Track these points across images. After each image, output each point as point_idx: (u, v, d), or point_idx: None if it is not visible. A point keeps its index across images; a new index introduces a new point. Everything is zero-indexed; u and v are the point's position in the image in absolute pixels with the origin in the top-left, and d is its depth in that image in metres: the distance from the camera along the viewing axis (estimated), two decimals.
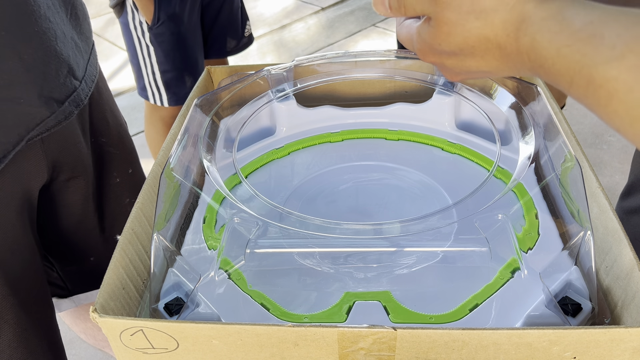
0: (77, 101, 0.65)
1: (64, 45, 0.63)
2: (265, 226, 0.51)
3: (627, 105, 0.26)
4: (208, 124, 0.61)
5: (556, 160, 0.53)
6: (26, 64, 0.57)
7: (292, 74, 0.70)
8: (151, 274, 0.48)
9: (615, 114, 0.27)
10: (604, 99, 0.27)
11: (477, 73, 0.37)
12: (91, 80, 0.69)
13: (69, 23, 0.65)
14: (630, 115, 0.26)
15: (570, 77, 0.29)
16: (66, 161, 0.69)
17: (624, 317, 0.44)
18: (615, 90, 0.27)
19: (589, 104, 0.29)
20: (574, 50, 0.28)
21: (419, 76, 0.70)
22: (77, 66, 0.65)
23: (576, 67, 0.28)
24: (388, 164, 0.64)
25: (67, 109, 0.63)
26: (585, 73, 0.28)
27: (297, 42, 2.60)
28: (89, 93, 0.67)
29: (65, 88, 0.63)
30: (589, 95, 0.28)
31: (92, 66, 0.70)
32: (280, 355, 0.42)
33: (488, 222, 0.50)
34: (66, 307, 0.81)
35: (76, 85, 0.65)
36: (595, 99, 0.28)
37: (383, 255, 0.51)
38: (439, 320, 0.45)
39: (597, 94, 0.28)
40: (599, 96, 0.28)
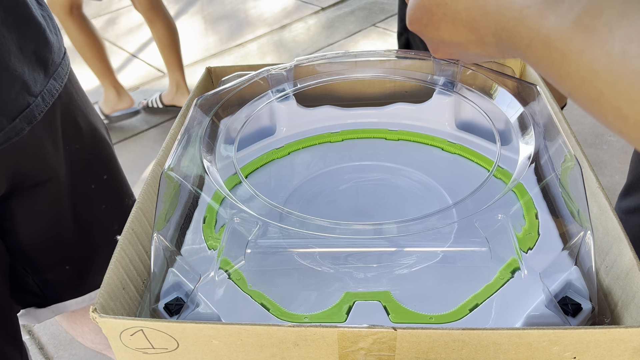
0: (30, 117, 0.64)
1: (18, 61, 0.62)
2: (265, 226, 0.51)
3: (578, 66, 0.27)
4: (208, 123, 0.61)
5: (556, 160, 0.53)
6: None
7: (292, 74, 0.70)
8: (151, 274, 0.48)
9: (567, 76, 0.28)
10: (558, 60, 0.28)
11: (452, 45, 0.38)
12: (51, 95, 0.68)
13: (31, 37, 0.64)
14: (580, 76, 0.27)
15: (529, 39, 0.30)
16: (28, 169, 0.68)
17: (624, 317, 0.44)
18: (568, 52, 0.27)
19: (543, 67, 0.29)
20: (534, 11, 0.29)
21: (419, 76, 0.70)
22: (33, 82, 0.64)
23: (535, 29, 0.29)
24: (388, 164, 0.64)
25: (18, 125, 0.63)
26: (542, 35, 0.29)
27: (297, 42, 2.60)
28: (45, 109, 0.66)
29: (17, 104, 0.62)
30: (544, 57, 0.29)
31: (57, 78, 0.69)
32: (280, 355, 0.42)
33: (488, 222, 0.50)
34: (45, 317, 0.80)
35: (30, 101, 0.64)
36: (549, 61, 0.29)
37: (383, 255, 0.51)
38: (439, 320, 0.45)
39: (552, 55, 0.28)
40: (553, 58, 0.28)
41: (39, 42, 0.66)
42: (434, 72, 0.69)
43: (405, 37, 1.45)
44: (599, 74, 0.26)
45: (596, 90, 0.27)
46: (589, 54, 0.26)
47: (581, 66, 0.27)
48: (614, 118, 0.27)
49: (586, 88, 0.27)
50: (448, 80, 0.68)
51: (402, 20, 1.43)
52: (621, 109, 0.26)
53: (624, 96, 0.25)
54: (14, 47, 0.61)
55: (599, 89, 0.26)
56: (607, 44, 0.26)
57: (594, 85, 0.27)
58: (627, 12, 0.25)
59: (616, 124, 0.27)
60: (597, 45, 0.26)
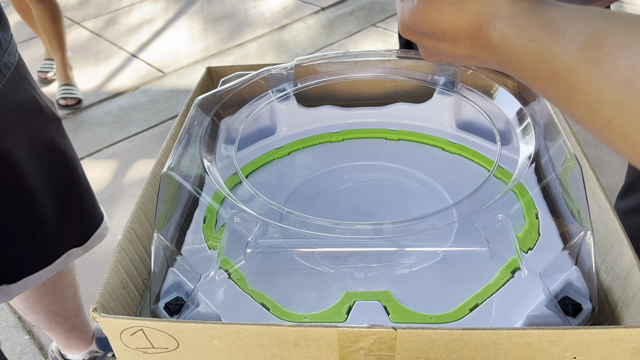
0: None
1: None
2: (266, 226, 0.51)
3: (585, 95, 0.28)
4: (208, 123, 0.61)
5: (556, 160, 0.53)
6: None
7: (293, 73, 0.70)
8: (151, 273, 0.48)
9: (575, 105, 0.29)
10: (565, 90, 0.29)
11: (450, 57, 0.38)
12: (7, 68, 0.71)
13: None
14: (587, 105, 0.28)
15: (536, 70, 0.30)
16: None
17: (624, 317, 0.44)
18: (575, 82, 0.28)
19: (552, 97, 0.30)
20: (539, 45, 0.30)
21: (419, 76, 0.70)
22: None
23: (541, 61, 0.30)
24: (388, 164, 0.64)
25: None
26: (549, 66, 0.29)
27: (297, 42, 2.60)
28: (2, 80, 0.70)
29: None
30: (552, 87, 0.30)
31: (10, 54, 0.73)
32: (281, 355, 0.42)
33: (488, 222, 0.50)
34: (17, 292, 0.82)
35: None
36: (557, 91, 0.29)
37: (383, 255, 0.51)
38: (439, 320, 0.45)
39: (560, 86, 0.29)
40: (561, 88, 0.29)
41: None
42: (435, 72, 0.69)
43: None
44: (606, 103, 0.27)
45: (604, 119, 0.27)
46: (595, 85, 0.27)
47: (588, 96, 0.28)
48: (622, 145, 0.27)
49: (594, 117, 0.28)
50: (448, 80, 0.68)
51: None
52: (629, 136, 0.26)
53: (632, 125, 0.26)
54: None
55: (607, 117, 0.27)
56: (611, 75, 0.26)
57: (602, 114, 0.27)
58: (628, 42, 0.26)
59: (625, 150, 0.27)
60: (602, 76, 0.27)
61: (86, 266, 1.45)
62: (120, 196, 1.71)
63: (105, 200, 1.68)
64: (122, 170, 1.85)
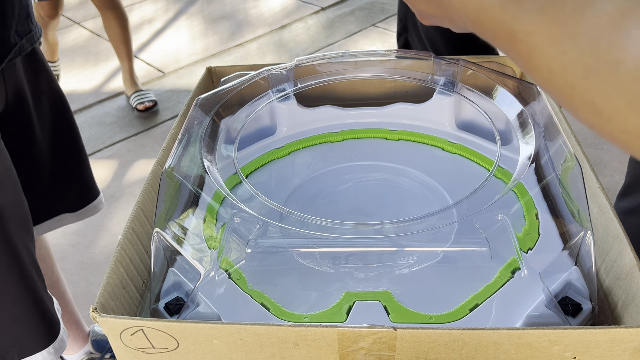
0: (31, 41, 0.77)
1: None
2: (266, 226, 0.51)
3: (546, 59, 0.26)
4: (208, 123, 0.61)
5: (556, 160, 0.53)
6: None
7: (293, 73, 0.70)
8: (151, 273, 0.48)
9: (536, 69, 0.27)
10: (525, 53, 0.27)
11: (432, 17, 0.37)
12: (37, 37, 0.78)
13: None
14: (549, 69, 0.26)
15: (493, 30, 0.29)
16: (19, 90, 0.77)
17: (624, 317, 0.44)
18: (535, 44, 0.26)
19: (512, 58, 0.29)
20: (495, 3, 0.28)
21: (419, 76, 0.70)
22: (32, 17, 0.78)
23: (498, 21, 0.28)
24: (388, 164, 0.64)
25: (25, 44, 0.75)
26: (506, 27, 0.28)
27: (297, 42, 2.60)
28: (35, 42, 0.78)
29: (24, 28, 0.76)
30: (511, 49, 0.28)
31: (36, 29, 0.79)
32: (281, 355, 0.42)
33: (488, 222, 0.50)
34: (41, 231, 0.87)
35: (32, 28, 0.77)
36: (516, 53, 0.28)
37: (383, 255, 0.51)
38: (439, 320, 0.45)
39: (518, 48, 0.28)
40: (520, 50, 0.27)
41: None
42: (435, 72, 0.69)
43: (404, 37, 1.44)
44: (570, 66, 0.25)
45: (567, 84, 0.26)
46: (558, 47, 0.25)
47: (550, 59, 0.26)
48: (586, 112, 0.26)
49: (556, 81, 0.26)
50: (448, 80, 0.68)
51: (402, 20, 1.43)
52: (594, 102, 0.25)
53: (597, 89, 0.24)
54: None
55: (571, 82, 0.25)
56: (576, 36, 0.25)
57: (565, 78, 0.26)
58: (592, 0, 0.24)
59: (589, 118, 0.26)
60: (565, 37, 0.25)
61: (86, 266, 1.45)
62: (120, 196, 1.71)
63: (105, 200, 1.68)
64: (122, 170, 1.85)
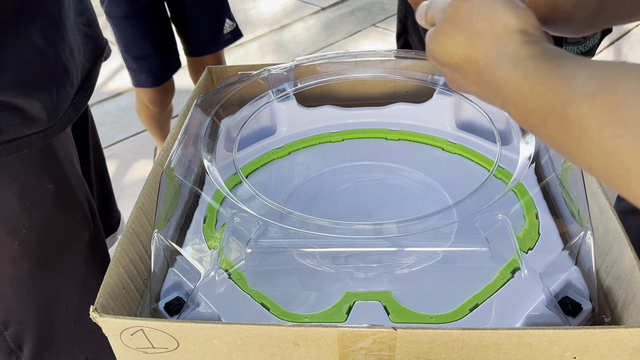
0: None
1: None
2: (266, 226, 0.51)
3: (599, 140, 0.27)
4: (208, 123, 0.61)
5: (556, 160, 0.53)
6: None
7: (293, 73, 0.70)
8: (151, 273, 0.48)
9: (588, 151, 0.28)
10: (577, 135, 0.28)
11: (464, 89, 0.38)
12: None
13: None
14: (602, 151, 0.27)
15: (543, 114, 0.30)
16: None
17: (624, 317, 0.44)
18: (587, 127, 0.27)
19: (561, 141, 0.29)
20: (547, 89, 0.29)
21: (419, 76, 0.70)
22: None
23: (549, 105, 0.29)
24: (388, 164, 0.64)
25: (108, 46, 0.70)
26: (558, 110, 0.29)
27: (297, 42, 2.60)
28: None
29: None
30: (561, 132, 0.29)
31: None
32: (281, 355, 0.42)
33: (488, 222, 0.50)
34: None
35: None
36: (567, 136, 0.29)
37: (383, 255, 0.51)
38: (439, 320, 0.45)
39: (570, 130, 0.28)
40: (572, 133, 0.28)
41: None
42: (434, 72, 0.69)
43: (404, 38, 1.44)
44: (623, 149, 0.26)
45: (622, 166, 0.26)
46: (610, 130, 0.26)
47: (603, 141, 0.27)
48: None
49: (610, 163, 0.27)
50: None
51: (401, 21, 1.43)
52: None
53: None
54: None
55: (625, 164, 0.26)
56: (628, 120, 0.25)
57: (619, 160, 0.26)
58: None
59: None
60: (618, 121, 0.26)
61: None
62: (120, 196, 1.71)
63: None
64: (122, 170, 1.85)
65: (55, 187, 0.60)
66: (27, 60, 0.53)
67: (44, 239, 0.61)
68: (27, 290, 0.62)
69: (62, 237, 0.63)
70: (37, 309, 0.64)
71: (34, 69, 0.54)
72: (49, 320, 0.65)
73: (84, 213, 0.66)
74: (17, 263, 0.60)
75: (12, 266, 0.60)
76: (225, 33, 1.58)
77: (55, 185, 0.60)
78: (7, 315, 0.62)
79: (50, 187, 0.60)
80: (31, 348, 0.66)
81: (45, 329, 0.66)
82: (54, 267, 0.63)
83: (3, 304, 0.61)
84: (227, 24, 1.57)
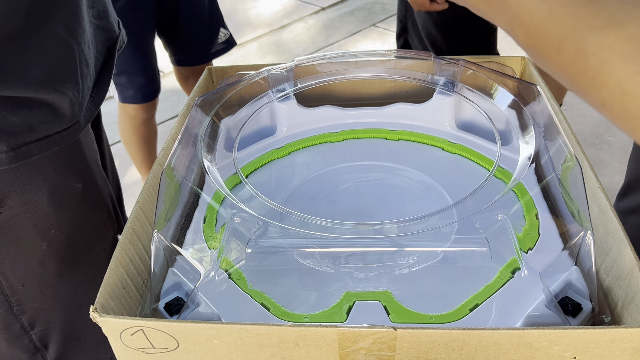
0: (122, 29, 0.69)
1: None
2: (266, 226, 0.51)
3: (619, 76, 0.24)
4: (208, 123, 0.61)
5: (556, 160, 0.53)
6: None
7: (293, 74, 0.70)
8: (151, 273, 0.48)
9: (605, 86, 0.25)
10: (594, 68, 0.25)
11: (465, 0, 0.34)
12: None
13: None
14: (621, 88, 0.24)
15: (559, 41, 0.26)
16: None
17: (624, 317, 0.44)
18: (608, 60, 0.24)
19: (574, 74, 0.26)
20: (569, 12, 0.26)
21: (419, 76, 0.70)
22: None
23: (568, 31, 0.26)
24: (388, 164, 0.64)
25: (123, 36, 0.69)
26: (577, 39, 0.26)
27: (297, 42, 2.60)
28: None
29: (115, 17, 0.68)
30: (577, 63, 0.26)
31: None
32: (281, 355, 0.42)
33: (488, 222, 0.50)
34: None
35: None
36: (583, 68, 0.26)
37: (383, 255, 0.51)
38: (439, 320, 0.45)
39: (587, 62, 0.25)
40: (589, 65, 0.25)
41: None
42: (434, 72, 0.69)
43: (404, 38, 1.44)
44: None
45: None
46: (634, 66, 0.23)
47: (623, 77, 0.24)
48: None
49: (628, 102, 0.24)
50: (448, 80, 0.68)
51: (401, 21, 1.43)
52: None
53: None
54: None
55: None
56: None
57: (638, 99, 0.23)
58: None
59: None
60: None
61: None
62: None
63: None
64: (122, 170, 1.85)
65: (83, 186, 0.60)
66: (54, 53, 0.52)
67: (71, 238, 0.60)
68: (54, 290, 0.62)
69: (88, 236, 0.63)
70: (64, 309, 0.63)
71: (61, 63, 0.53)
72: (75, 320, 0.65)
73: (108, 212, 0.65)
74: (45, 263, 0.59)
75: (41, 267, 0.59)
76: (220, 42, 1.57)
77: (82, 184, 0.60)
78: (34, 315, 0.62)
79: (78, 186, 0.59)
80: (57, 347, 0.66)
81: (71, 329, 0.65)
82: (81, 267, 0.63)
83: (30, 304, 0.61)
84: (221, 33, 1.56)
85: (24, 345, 0.64)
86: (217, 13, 1.54)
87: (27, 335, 0.63)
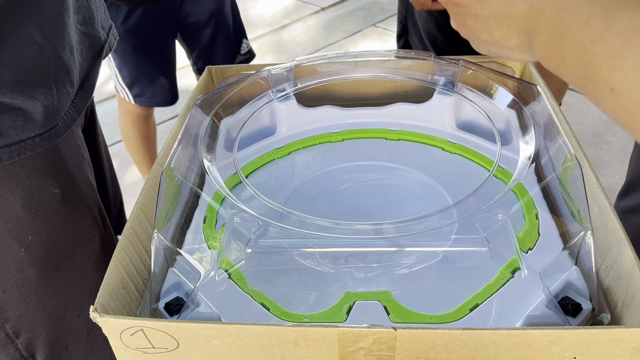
0: (115, 34, 0.70)
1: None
2: (266, 226, 0.51)
3: (638, 60, 0.24)
4: (208, 123, 0.61)
5: (556, 160, 0.53)
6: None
7: (293, 74, 0.70)
8: (151, 273, 0.48)
9: (621, 69, 0.24)
10: (618, 47, 0.24)
11: (485, 35, 0.35)
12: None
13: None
14: (637, 73, 0.24)
15: (587, 16, 0.26)
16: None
17: (624, 317, 0.44)
18: (633, 42, 0.24)
19: (594, 52, 0.26)
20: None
21: (419, 76, 0.70)
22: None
23: (599, 8, 0.26)
24: (388, 164, 0.64)
25: (111, 41, 0.69)
26: (607, 15, 0.25)
27: (297, 42, 2.60)
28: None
29: (106, 22, 0.68)
30: (601, 40, 0.25)
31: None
32: (281, 355, 0.42)
33: (488, 222, 0.50)
34: None
35: (109, 20, 0.70)
36: (605, 45, 0.25)
37: (383, 255, 0.51)
38: (439, 320, 0.45)
39: (612, 40, 0.25)
40: (612, 43, 0.25)
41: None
42: (435, 72, 0.69)
43: (404, 39, 1.44)
44: None
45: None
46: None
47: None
48: None
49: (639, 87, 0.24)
50: (448, 80, 0.68)
51: (402, 22, 1.43)
52: None
53: None
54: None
55: None
56: None
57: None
58: None
59: None
60: None
61: None
62: None
63: None
64: (122, 170, 1.85)
65: (62, 192, 0.59)
66: (26, 57, 0.52)
67: (51, 245, 0.60)
68: (36, 297, 0.61)
69: (70, 243, 0.62)
70: (48, 317, 0.63)
71: (33, 67, 0.52)
72: (61, 328, 0.65)
73: (93, 218, 0.64)
74: (25, 270, 0.59)
75: (20, 273, 0.59)
76: (243, 53, 1.58)
77: (62, 189, 0.59)
78: (18, 323, 0.62)
79: (56, 191, 0.59)
80: (44, 357, 0.65)
81: (58, 338, 0.65)
82: (63, 274, 0.62)
83: (13, 311, 0.60)
84: (244, 44, 1.57)
85: (11, 354, 0.63)
86: (240, 24, 1.55)
87: (12, 344, 0.63)
